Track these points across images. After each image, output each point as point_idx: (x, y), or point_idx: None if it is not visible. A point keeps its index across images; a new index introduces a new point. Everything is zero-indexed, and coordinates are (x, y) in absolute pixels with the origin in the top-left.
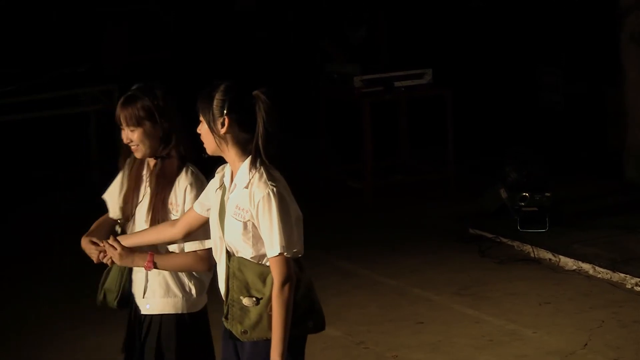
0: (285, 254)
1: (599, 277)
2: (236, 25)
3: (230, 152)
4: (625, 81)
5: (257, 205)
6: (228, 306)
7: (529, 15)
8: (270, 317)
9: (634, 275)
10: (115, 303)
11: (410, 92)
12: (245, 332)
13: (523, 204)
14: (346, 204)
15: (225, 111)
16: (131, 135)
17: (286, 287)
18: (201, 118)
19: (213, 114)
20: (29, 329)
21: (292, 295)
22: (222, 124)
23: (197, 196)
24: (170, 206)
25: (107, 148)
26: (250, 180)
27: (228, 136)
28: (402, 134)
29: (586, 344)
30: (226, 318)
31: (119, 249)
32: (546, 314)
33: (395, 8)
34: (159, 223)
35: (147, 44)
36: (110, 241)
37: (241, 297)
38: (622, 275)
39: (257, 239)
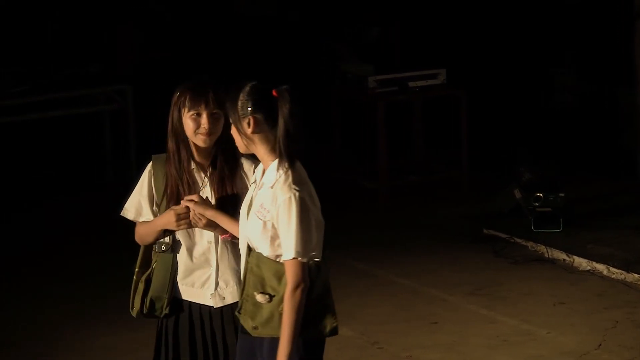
0: (299, 259)
1: (613, 278)
2: (249, 27)
3: (259, 151)
4: (638, 81)
5: (279, 207)
6: (242, 300)
7: (542, 15)
8: (281, 316)
9: None
10: (167, 309)
11: (425, 92)
12: (256, 327)
13: (537, 204)
14: (360, 204)
15: (249, 111)
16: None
17: (298, 291)
18: (230, 121)
19: (238, 115)
20: (41, 328)
21: (304, 299)
22: (248, 124)
23: None
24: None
25: (121, 148)
26: (276, 180)
27: (256, 136)
28: (416, 134)
29: (600, 345)
30: (239, 312)
31: (207, 217)
32: (560, 314)
33: (408, 8)
34: (232, 214)
35: (160, 43)
36: (199, 209)
37: (255, 293)
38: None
39: (274, 239)
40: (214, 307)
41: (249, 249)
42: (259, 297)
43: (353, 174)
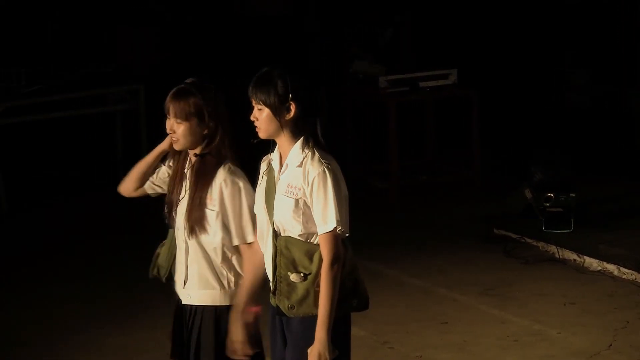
0: (339, 228)
1: (624, 278)
2: (259, 27)
3: (284, 135)
4: None
5: (312, 182)
6: (276, 282)
7: (554, 15)
8: (317, 293)
9: None
10: (164, 279)
11: (436, 92)
12: (292, 307)
13: (548, 204)
14: (371, 204)
15: (291, 96)
16: (176, 127)
17: (336, 265)
18: (259, 105)
19: (279, 100)
20: (49, 328)
21: (340, 273)
22: (288, 109)
23: (233, 192)
24: (207, 200)
25: (133, 148)
26: (303, 159)
27: (290, 121)
28: (427, 134)
29: (611, 345)
30: (274, 294)
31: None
32: (571, 315)
33: (421, 8)
34: (195, 220)
35: (173, 44)
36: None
37: (289, 273)
38: None
39: (307, 217)
40: (181, 302)
41: (275, 234)
42: (293, 277)
43: (364, 173)
